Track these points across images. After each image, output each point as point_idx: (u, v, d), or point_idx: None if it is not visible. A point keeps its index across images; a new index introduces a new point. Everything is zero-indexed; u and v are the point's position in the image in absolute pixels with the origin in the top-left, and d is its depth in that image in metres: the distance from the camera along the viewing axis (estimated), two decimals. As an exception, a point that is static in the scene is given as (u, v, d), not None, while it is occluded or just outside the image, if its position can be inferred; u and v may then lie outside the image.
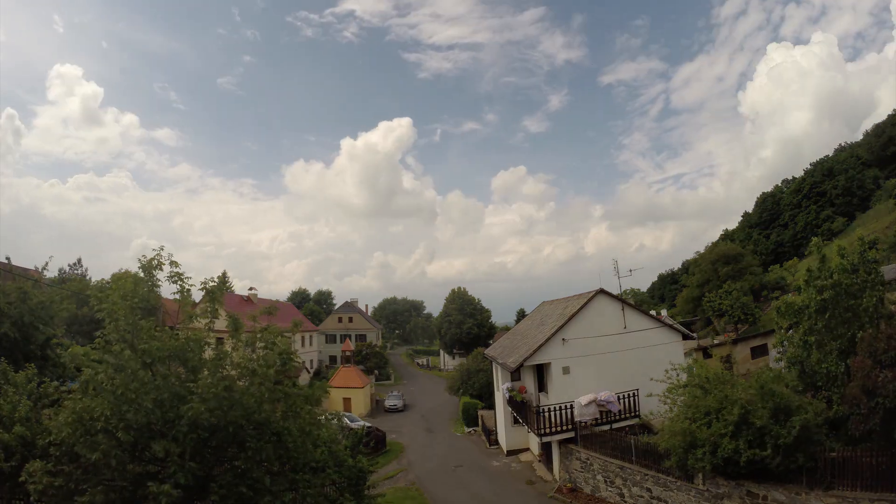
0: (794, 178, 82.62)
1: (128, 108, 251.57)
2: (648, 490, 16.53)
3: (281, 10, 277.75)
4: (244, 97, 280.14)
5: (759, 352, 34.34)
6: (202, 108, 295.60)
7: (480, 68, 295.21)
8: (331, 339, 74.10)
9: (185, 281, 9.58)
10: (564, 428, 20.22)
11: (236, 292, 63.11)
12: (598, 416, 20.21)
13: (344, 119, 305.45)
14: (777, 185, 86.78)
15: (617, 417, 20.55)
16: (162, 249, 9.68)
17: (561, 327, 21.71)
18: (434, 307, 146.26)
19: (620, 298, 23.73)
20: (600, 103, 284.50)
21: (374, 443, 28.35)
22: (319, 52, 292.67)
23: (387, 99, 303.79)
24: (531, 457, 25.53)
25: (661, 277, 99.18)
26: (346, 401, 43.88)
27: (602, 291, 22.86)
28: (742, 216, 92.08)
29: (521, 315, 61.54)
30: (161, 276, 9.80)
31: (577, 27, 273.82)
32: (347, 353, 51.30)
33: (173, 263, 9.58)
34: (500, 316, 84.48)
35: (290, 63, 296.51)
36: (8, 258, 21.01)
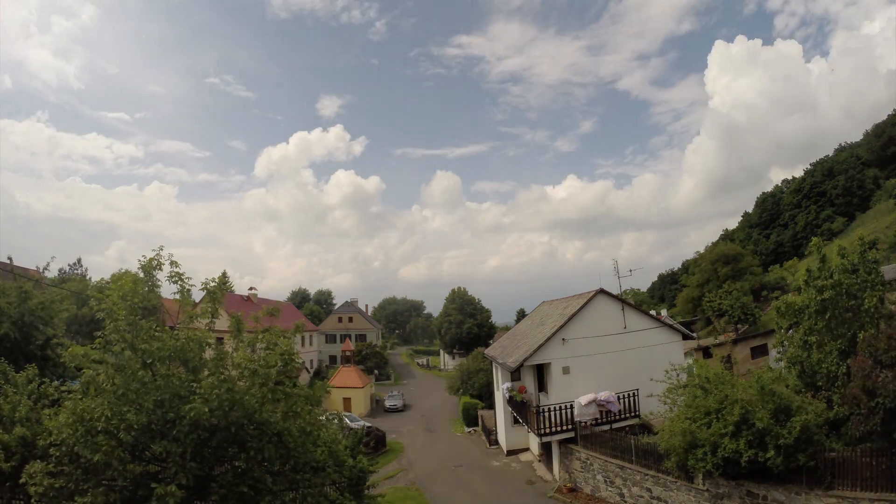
0: (794, 178, 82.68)
1: (207, 119, 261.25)
2: (648, 490, 16.54)
3: (405, 46, 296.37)
4: (344, 115, 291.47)
5: (759, 352, 34.39)
6: (293, 122, 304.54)
7: (548, 93, 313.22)
8: (331, 338, 74.05)
9: (186, 281, 9.57)
10: (564, 428, 20.23)
11: (236, 292, 63.32)
12: (598, 415, 20.22)
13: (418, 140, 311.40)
14: (777, 185, 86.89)
15: (617, 417, 20.57)
16: (161, 249, 9.67)
17: (561, 327, 21.72)
18: (434, 307, 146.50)
19: (620, 298, 23.73)
20: (639, 124, 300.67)
21: (374, 443, 28.35)
22: (435, 83, 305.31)
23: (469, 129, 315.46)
24: (531, 457, 25.54)
25: (661, 277, 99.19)
26: (346, 401, 43.94)
27: (602, 291, 22.86)
28: (742, 216, 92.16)
29: (521, 315, 61.55)
30: (161, 276, 9.78)
31: (652, 65, 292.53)
32: (347, 353, 51.32)
33: (173, 263, 9.56)
34: (499, 316, 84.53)
35: (396, 91, 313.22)
36: (10, 258, 21.03)
